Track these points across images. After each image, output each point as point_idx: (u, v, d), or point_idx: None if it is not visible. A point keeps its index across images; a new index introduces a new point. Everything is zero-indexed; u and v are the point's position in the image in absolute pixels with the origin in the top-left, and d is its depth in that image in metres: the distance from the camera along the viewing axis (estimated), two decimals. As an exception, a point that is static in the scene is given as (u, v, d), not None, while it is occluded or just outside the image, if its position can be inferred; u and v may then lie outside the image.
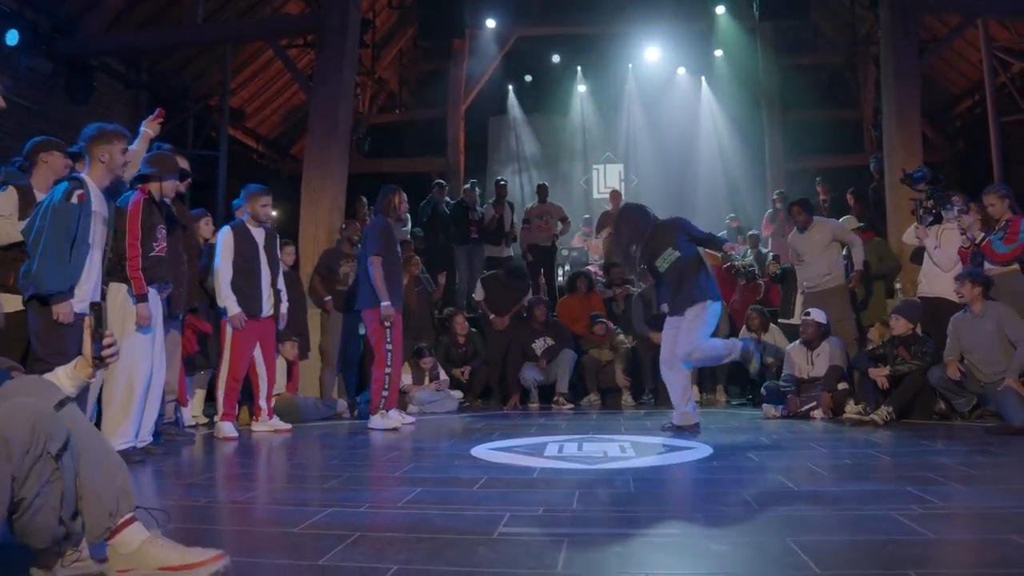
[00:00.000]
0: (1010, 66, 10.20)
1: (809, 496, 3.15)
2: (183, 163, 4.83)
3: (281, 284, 5.87)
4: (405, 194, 6.24)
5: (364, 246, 6.05)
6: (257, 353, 5.69)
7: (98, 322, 2.27)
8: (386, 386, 5.87)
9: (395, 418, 5.92)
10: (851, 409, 5.90)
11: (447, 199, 10.46)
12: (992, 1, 8.94)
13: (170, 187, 4.52)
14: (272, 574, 2.18)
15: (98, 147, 4.01)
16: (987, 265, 5.90)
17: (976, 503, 2.96)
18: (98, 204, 3.98)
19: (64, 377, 2.26)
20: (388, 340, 5.87)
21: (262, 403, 5.74)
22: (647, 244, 5.38)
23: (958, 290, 5.57)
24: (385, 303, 5.79)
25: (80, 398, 2.52)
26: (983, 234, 5.95)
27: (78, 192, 3.84)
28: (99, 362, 2.28)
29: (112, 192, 4.28)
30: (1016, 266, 5.91)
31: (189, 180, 5.08)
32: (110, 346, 2.29)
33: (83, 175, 3.97)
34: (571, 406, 7.38)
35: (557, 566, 2.12)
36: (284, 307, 5.88)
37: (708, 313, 5.18)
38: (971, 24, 8.76)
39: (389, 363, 5.88)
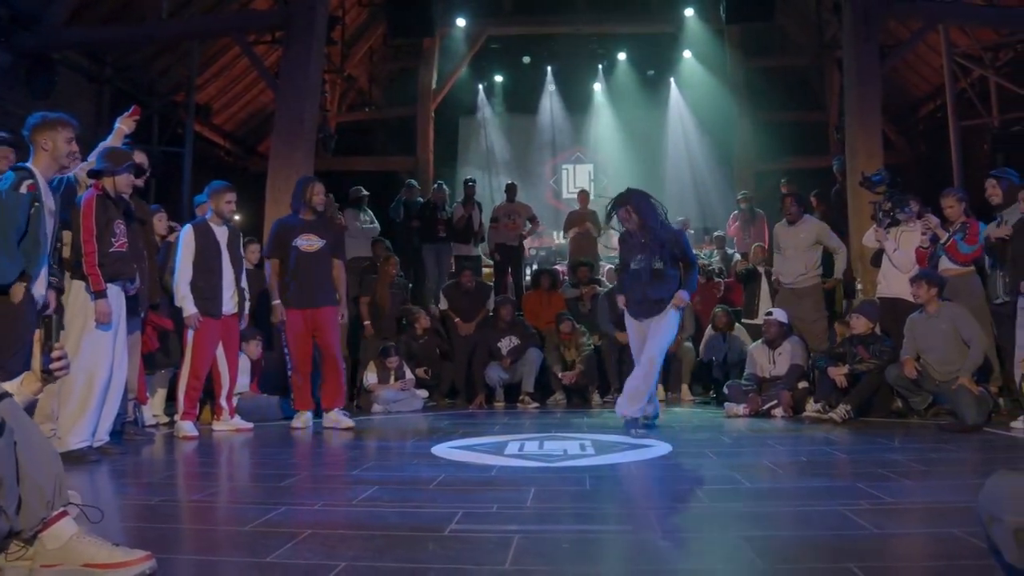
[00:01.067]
0: (970, 72, 10.38)
1: (762, 492, 3.19)
2: (140, 158, 4.76)
3: (245, 283, 5.81)
4: (321, 185, 6.00)
5: None
6: (219, 352, 5.64)
7: (48, 335, 2.23)
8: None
9: (348, 420, 5.78)
10: (811, 407, 5.98)
11: (419, 199, 10.44)
12: (952, 9, 9.11)
13: (124, 182, 4.44)
14: (218, 572, 2.17)
15: (41, 135, 3.90)
16: (948, 265, 6.02)
17: (924, 498, 3.03)
18: (45, 196, 3.90)
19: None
20: (284, 342, 5.90)
21: (223, 402, 5.69)
22: (635, 238, 5.29)
23: (914, 292, 5.67)
24: (274, 303, 5.82)
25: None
26: (947, 234, 6.08)
27: (27, 182, 3.74)
28: (48, 376, 2.23)
29: (68, 196, 4.22)
30: (972, 267, 6.04)
31: (147, 175, 5.01)
32: (59, 359, 2.24)
33: (28, 164, 3.89)
34: (536, 405, 7.40)
35: (506, 562, 2.13)
36: (247, 306, 5.84)
37: (674, 320, 5.27)
38: (932, 30, 8.92)
39: (289, 366, 5.96)
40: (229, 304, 5.61)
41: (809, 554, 2.22)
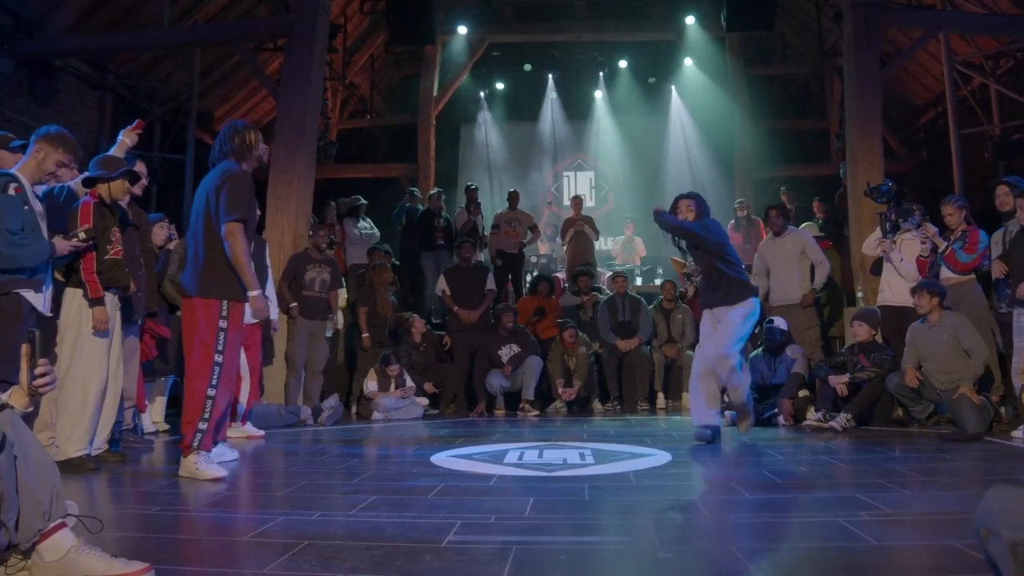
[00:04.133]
0: (971, 80, 10.39)
1: (760, 503, 3.17)
2: (139, 167, 4.76)
3: (271, 291, 5.76)
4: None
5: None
6: (242, 358, 5.62)
7: (33, 350, 2.22)
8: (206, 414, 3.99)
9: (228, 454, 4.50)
10: (811, 416, 5.97)
11: (419, 207, 10.44)
12: (953, 17, 9.15)
13: (119, 188, 4.42)
14: (214, 584, 2.16)
15: (41, 142, 3.94)
16: (947, 273, 6.01)
17: (923, 509, 3.02)
18: (32, 200, 3.91)
19: None
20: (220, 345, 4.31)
21: (240, 408, 5.67)
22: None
23: (916, 302, 5.66)
24: (253, 294, 4.09)
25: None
26: (946, 243, 6.07)
27: (13, 185, 3.76)
28: (33, 391, 2.23)
29: (69, 203, 4.22)
30: (973, 275, 6.03)
31: (144, 182, 4.99)
32: (44, 375, 2.21)
33: (13, 171, 3.89)
34: (536, 413, 7.40)
35: (503, 575, 2.12)
36: (275, 313, 5.76)
37: (750, 314, 4.97)
38: (932, 37, 8.93)
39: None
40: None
41: (805, 566, 2.21)
